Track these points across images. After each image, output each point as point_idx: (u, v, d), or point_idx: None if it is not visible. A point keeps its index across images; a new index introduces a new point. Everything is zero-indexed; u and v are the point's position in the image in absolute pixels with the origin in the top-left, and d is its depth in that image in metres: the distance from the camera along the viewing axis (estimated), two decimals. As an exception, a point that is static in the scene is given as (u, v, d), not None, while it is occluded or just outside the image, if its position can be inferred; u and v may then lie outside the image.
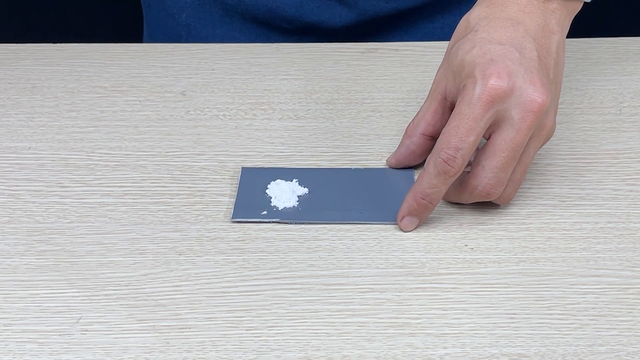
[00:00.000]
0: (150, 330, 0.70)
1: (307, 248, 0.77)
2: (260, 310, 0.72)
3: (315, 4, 1.05)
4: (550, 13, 0.81)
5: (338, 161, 0.86)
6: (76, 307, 0.72)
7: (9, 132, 0.90)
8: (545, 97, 0.76)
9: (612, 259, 0.76)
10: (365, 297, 0.73)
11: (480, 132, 0.76)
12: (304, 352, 0.69)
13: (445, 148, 0.76)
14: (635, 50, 1.01)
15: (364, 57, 1.00)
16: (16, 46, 1.02)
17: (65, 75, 0.98)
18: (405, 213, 0.78)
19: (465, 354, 0.69)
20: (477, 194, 0.78)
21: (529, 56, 0.77)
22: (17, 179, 0.85)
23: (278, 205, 0.81)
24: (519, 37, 0.78)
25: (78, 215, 0.81)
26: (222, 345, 0.69)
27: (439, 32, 1.08)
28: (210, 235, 0.79)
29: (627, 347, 0.69)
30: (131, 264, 0.76)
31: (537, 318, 0.71)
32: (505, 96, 0.76)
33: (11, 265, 0.76)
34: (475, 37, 0.78)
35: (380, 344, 0.69)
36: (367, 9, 1.05)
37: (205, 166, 0.86)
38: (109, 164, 0.86)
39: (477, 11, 0.81)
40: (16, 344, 0.70)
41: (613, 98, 0.94)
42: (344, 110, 0.93)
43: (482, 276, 0.75)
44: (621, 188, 0.83)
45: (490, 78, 0.76)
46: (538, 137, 0.78)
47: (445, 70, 0.81)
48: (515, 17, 0.79)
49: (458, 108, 0.76)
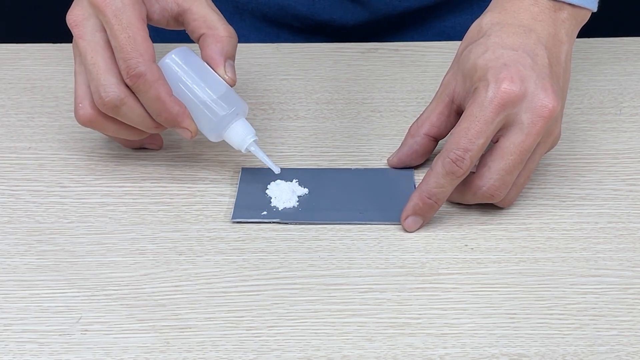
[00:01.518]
0: (150, 330, 0.70)
1: (307, 248, 0.77)
2: (260, 310, 0.72)
3: (328, 3, 1.05)
4: (561, 23, 0.81)
5: (338, 161, 0.86)
6: (76, 307, 0.72)
7: (9, 132, 0.90)
8: (556, 103, 0.77)
9: (612, 259, 0.76)
10: (365, 297, 0.73)
11: (489, 135, 0.76)
12: (304, 352, 0.69)
13: (454, 149, 0.76)
14: (635, 50, 1.01)
15: (364, 57, 1.00)
16: (16, 46, 1.02)
17: (65, 75, 0.98)
18: (410, 212, 0.78)
19: (465, 354, 0.69)
20: (481, 195, 0.78)
21: (540, 63, 0.78)
22: (17, 179, 0.85)
23: (278, 206, 0.81)
24: (531, 44, 0.79)
25: (78, 215, 0.81)
26: (222, 345, 0.69)
27: (450, 32, 1.08)
28: (210, 235, 0.79)
29: (627, 347, 0.69)
30: (131, 264, 0.76)
31: (537, 318, 0.71)
32: (517, 100, 0.76)
33: (11, 265, 0.76)
34: (488, 42, 0.79)
35: (380, 344, 0.69)
36: (380, 8, 1.05)
37: (205, 166, 0.86)
38: (109, 164, 0.86)
39: (490, 16, 0.81)
40: (16, 344, 0.70)
41: (613, 98, 0.94)
42: (344, 110, 0.93)
43: (482, 276, 0.75)
44: (621, 188, 0.83)
45: (503, 82, 0.76)
46: (545, 143, 0.79)
47: (455, 73, 0.81)
48: (527, 24, 0.80)
49: (469, 110, 0.76)
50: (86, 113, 0.80)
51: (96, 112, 0.80)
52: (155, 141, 0.86)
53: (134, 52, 0.77)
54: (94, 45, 0.79)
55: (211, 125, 0.80)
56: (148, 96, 0.78)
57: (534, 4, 0.81)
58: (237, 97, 0.81)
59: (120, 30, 0.77)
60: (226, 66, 0.81)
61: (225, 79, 0.81)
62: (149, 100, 0.78)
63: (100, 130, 0.82)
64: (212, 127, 0.81)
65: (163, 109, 0.79)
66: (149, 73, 0.78)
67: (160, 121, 0.80)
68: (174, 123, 0.80)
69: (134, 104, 0.79)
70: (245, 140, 0.81)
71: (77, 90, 0.81)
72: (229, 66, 0.81)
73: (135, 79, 0.77)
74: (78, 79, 0.81)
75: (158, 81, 0.78)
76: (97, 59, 0.79)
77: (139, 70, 0.77)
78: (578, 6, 0.82)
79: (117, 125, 0.81)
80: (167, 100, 0.78)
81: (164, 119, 0.79)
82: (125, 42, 0.77)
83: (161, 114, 0.79)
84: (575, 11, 0.82)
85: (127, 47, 0.77)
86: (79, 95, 0.81)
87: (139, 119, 0.80)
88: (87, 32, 0.79)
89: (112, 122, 0.80)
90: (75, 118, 0.81)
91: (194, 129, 0.80)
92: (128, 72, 0.77)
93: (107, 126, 0.81)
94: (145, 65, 0.77)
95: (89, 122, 0.81)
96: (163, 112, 0.79)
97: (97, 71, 0.78)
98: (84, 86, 0.80)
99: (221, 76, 0.81)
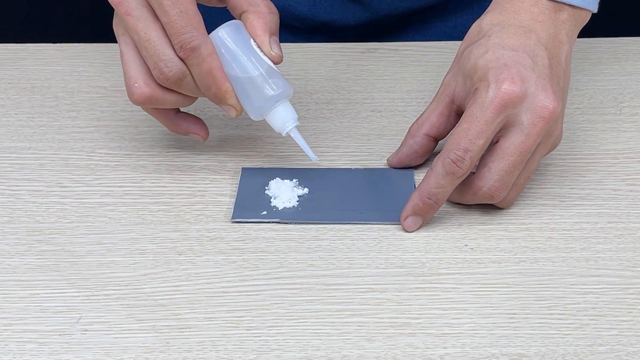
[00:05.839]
0: (150, 330, 0.70)
1: (307, 248, 0.77)
2: (260, 310, 0.72)
3: (329, 3, 1.05)
4: (561, 24, 0.81)
5: (338, 161, 0.86)
6: (76, 307, 0.72)
7: (9, 132, 0.90)
8: (556, 104, 0.77)
9: (612, 259, 0.76)
10: (365, 297, 0.73)
11: (490, 136, 0.76)
12: (304, 352, 0.69)
13: (454, 149, 0.76)
14: (635, 50, 1.01)
15: (364, 57, 1.00)
16: (16, 46, 1.02)
17: (65, 75, 0.98)
18: (410, 212, 0.78)
19: (465, 354, 0.69)
20: (481, 195, 0.78)
21: (541, 64, 0.78)
22: (17, 179, 0.85)
23: (278, 206, 0.81)
24: (531, 45, 0.79)
25: (78, 215, 0.81)
26: (222, 345, 0.69)
27: (451, 31, 1.08)
28: (210, 235, 0.79)
29: (627, 347, 0.69)
30: (131, 264, 0.76)
31: (537, 318, 0.71)
32: (517, 101, 0.76)
33: (11, 265, 0.76)
34: (489, 42, 0.79)
35: (380, 344, 0.69)
36: (381, 8, 1.05)
37: (205, 166, 0.86)
38: (109, 164, 0.86)
39: (490, 17, 0.81)
40: (16, 344, 0.70)
41: (613, 98, 0.94)
42: (344, 110, 0.93)
43: (482, 276, 0.75)
44: (621, 188, 0.83)
45: (504, 82, 0.76)
46: (545, 144, 0.79)
47: (455, 74, 0.81)
48: (527, 25, 0.80)
49: (469, 110, 0.76)
50: (144, 91, 0.79)
51: (152, 88, 0.79)
52: (201, 132, 0.85)
53: (188, 27, 0.77)
54: (144, 21, 0.78)
55: (258, 104, 0.80)
56: (200, 70, 0.78)
57: (534, 4, 0.81)
58: (282, 77, 0.81)
59: (170, 5, 0.77)
60: (271, 42, 0.80)
61: (272, 55, 0.80)
62: (200, 74, 0.78)
63: (157, 106, 0.81)
64: (258, 105, 0.80)
65: (213, 84, 0.79)
66: (203, 47, 0.77)
67: (209, 95, 0.79)
68: (221, 99, 0.80)
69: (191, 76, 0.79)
70: (287, 125, 0.81)
71: (128, 71, 0.80)
72: (274, 42, 0.81)
73: (189, 52, 0.77)
74: (127, 59, 0.80)
75: (211, 55, 0.78)
76: (150, 34, 0.78)
77: (194, 43, 0.77)
78: (578, 7, 0.82)
79: (176, 96, 0.80)
80: (218, 75, 0.78)
81: (212, 94, 0.79)
82: (177, 17, 0.77)
83: (211, 88, 0.79)
84: (576, 12, 0.82)
85: (181, 22, 0.77)
86: (132, 76, 0.79)
87: (195, 90, 0.79)
88: (133, 7, 0.78)
89: (170, 94, 0.80)
90: (130, 99, 0.80)
91: (240, 108, 0.80)
92: (182, 46, 0.77)
93: (166, 99, 0.80)
94: (200, 39, 0.77)
95: (147, 100, 0.80)
96: (213, 87, 0.79)
97: (154, 47, 0.78)
98: (134, 65, 0.80)
99: (266, 52, 0.80)
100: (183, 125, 0.84)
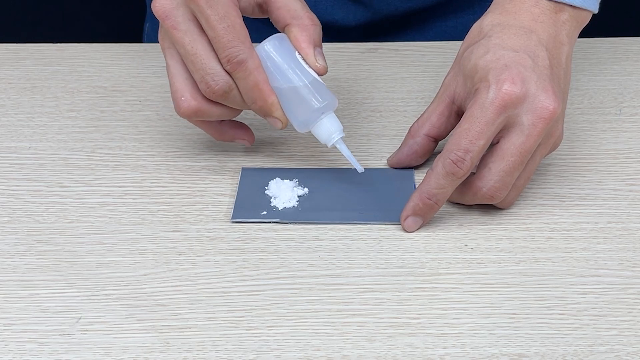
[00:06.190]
0: (150, 330, 0.70)
1: (307, 248, 0.77)
2: (260, 310, 0.72)
3: (330, 3, 1.05)
4: (561, 24, 0.81)
5: (338, 161, 0.86)
6: (76, 307, 0.72)
7: (9, 132, 0.90)
8: (556, 104, 0.77)
9: (612, 259, 0.76)
10: (365, 297, 0.73)
11: (490, 136, 0.76)
12: (304, 352, 0.69)
13: (455, 149, 0.76)
14: (635, 50, 1.01)
15: (364, 57, 1.00)
16: (16, 46, 1.02)
17: (65, 75, 0.98)
18: (410, 212, 0.78)
19: (465, 354, 0.69)
20: (481, 196, 0.78)
21: (541, 64, 0.78)
22: (17, 179, 0.85)
23: (278, 206, 0.81)
24: (532, 46, 0.79)
25: (78, 215, 0.81)
26: (222, 345, 0.69)
27: (452, 32, 1.08)
28: (210, 235, 0.79)
29: (627, 347, 0.69)
30: (131, 264, 0.76)
31: (537, 318, 0.71)
32: (517, 102, 0.76)
33: (11, 265, 0.76)
34: (489, 43, 0.79)
35: (380, 344, 0.69)
36: (382, 8, 1.05)
37: (205, 166, 0.86)
38: (109, 164, 0.86)
39: (490, 18, 0.81)
40: (16, 344, 0.70)
41: (613, 98, 0.94)
42: (344, 110, 0.93)
43: (482, 276, 0.75)
44: (621, 188, 0.83)
45: (504, 83, 0.76)
46: (546, 144, 0.79)
47: (456, 74, 0.81)
48: (528, 25, 0.80)
49: (470, 111, 0.76)
50: (191, 105, 0.80)
51: (199, 102, 0.80)
52: (247, 137, 0.85)
53: (235, 41, 0.77)
54: (190, 35, 0.78)
55: (303, 116, 0.80)
56: (246, 83, 0.78)
57: (535, 5, 0.81)
58: (327, 89, 0.81)
59: (217, 20, 0.77)
60: (316, 54, 0.81)
61: (316, 67, 0.80)
62: (246, 88, 0.79)
63: (203, 118, 0.82)
64: (304, 118, 0.80)
65: (259, 97, 0.79)
66: (250, 60, 0.78)
67: (254, 109, 0.80)
68: (267, 112, 0.80)
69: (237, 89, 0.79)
70: (333, 137, 0.81)
71: (175, 84, 0.80)
72: (318, 54, 0.81)
73: (236, 66, 0.77)
74: (173, 72, 0.80)
75: (257, 69, 0.78)
76: (197, 48, 0.78)
77: (241, 57, 0.77)
78: (579, 7, 0.82)
79: (222, 108, 0.81)
80: (264, 88, 0.79)
81: (258, 107, 0.80)
82: (224, 32, 0.77)
83: (256, 101, 0.79)
84: (576, 12, 0.82)
85: (228, 36, 0.77)
86: (179, 89, 0.80)
87: (241, 103, 0.80)
88: (179, 21, 0.79)
89: (216, 106, 0.80)
90: (177, 112, 0.80)
91: (285, 120, 0.81)
92: (229, 60, 0.77)
93: (213, 112, 0.81)
94: (246, 52, 0.78)
95: (194, 113, 0.80)
96: (259, 100, 0.79)
97: (201, 60, 0.78)
98: (181, 78, 0.80)
99: (311, 64, 0.80)
100: (229, 133, 0.84)
